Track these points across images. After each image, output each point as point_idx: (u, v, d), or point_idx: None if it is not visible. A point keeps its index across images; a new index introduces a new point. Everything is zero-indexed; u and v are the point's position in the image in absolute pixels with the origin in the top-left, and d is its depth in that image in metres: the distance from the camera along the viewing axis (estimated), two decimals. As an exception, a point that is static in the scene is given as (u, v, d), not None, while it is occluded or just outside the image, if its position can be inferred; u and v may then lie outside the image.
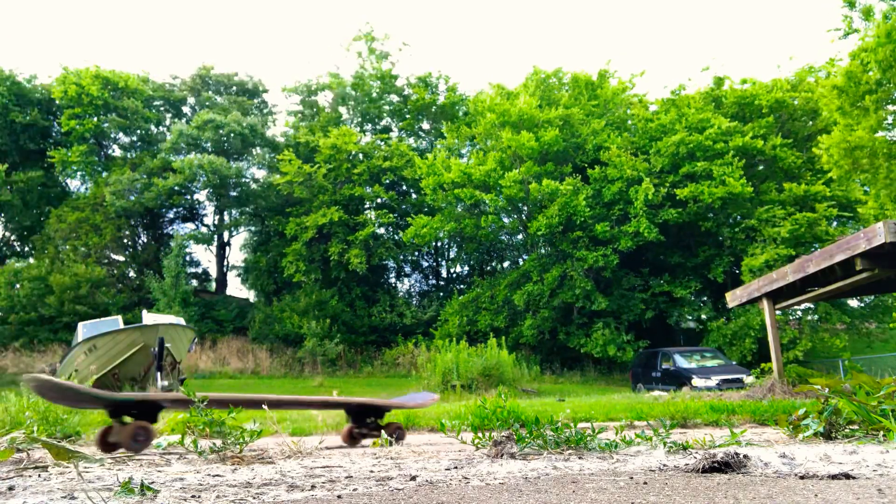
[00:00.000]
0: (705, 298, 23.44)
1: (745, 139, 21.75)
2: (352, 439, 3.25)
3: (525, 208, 24.99)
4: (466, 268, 31.27)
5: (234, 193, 28.22)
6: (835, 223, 22.10)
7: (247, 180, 28.75)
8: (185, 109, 33.12)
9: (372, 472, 1.90)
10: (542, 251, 24.58)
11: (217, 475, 1.82)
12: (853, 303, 23.00)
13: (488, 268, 29.89)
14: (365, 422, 3.34)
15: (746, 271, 19.97)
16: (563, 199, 21.80)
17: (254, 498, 1.42)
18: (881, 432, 2.64)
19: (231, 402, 3.52)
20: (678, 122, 23.27)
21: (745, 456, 1.85)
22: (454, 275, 31.73)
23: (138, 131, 30.89)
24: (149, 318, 14.03)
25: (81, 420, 4.14)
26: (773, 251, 19.80)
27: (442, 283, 31.23)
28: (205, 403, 2.78)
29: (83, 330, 13.75)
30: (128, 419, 2.47)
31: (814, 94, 22.65)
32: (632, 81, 27.77)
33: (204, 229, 30.58)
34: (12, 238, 31.89)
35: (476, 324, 23.40)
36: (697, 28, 75.32)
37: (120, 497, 1.41)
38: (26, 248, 30.97)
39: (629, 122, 26.48)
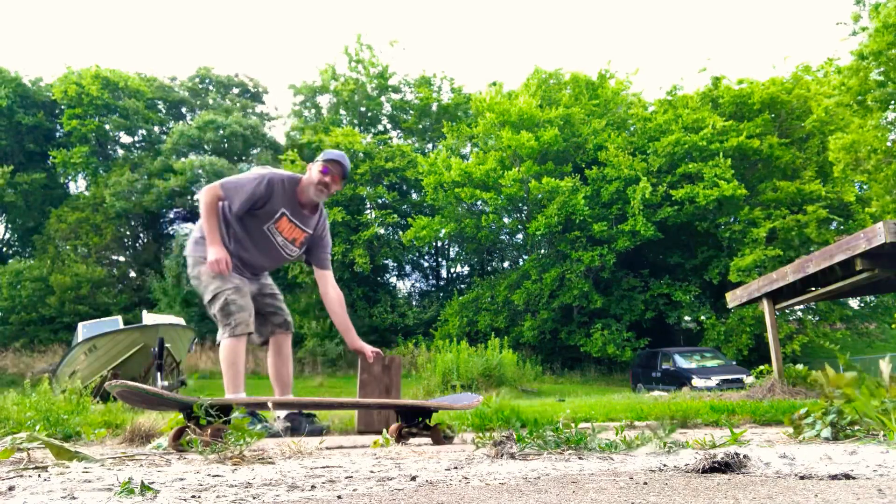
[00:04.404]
0: (704, 299, 23.47)
1: (741, 138, 21.75)
2: (400, 437, 3.38)
3: (525, 208, 25.00)
4: (467, 268, 31.27)
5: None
6: (833, 224, 22.10)
7: (248, 181, 28.72)
8: (185, 111, 33.10)
9: (372, 472, 1.90)
10: (542, 251, 24.59)
11: (217, 475, 1.82)
12: (854, 303, 23.01)
13: (489, 268, 29.89)
14: (414, 422, 3.46)
15: (734, 271, 20.02)
16: (562, 198, 21.79)
17: (253, 498, 1.42)
18: (882, 432, 2.64)
19: (297, 405, 3.66)
20: (674, 122, 23.29)
21: (745, 456, 1.85)
22: (454, 275, 31.73)
23: (140, 132, 30.89)
24: (148, 318, 14.04)
25: (82, 420, 4.14)
26: (760, 252, 19.82)
27: (442, 283, 31.23)
28: (274, 407, 2.97)
29: (83, 330, 13.75)
30: (203, 421, 2.66)
31: (810, 91, 22.70)
32: (629, 80, 27.78)
33: (204, 229, 30.56)
34: (13, 239, 31.89)
35: (476, 324, 23.40)
36: (695, 29, 75.37)
37: (120, 497, 1.42)
38: (28, 249, 30.99)
39: (629, 121, 26.50)
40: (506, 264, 29.59)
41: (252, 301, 3.83)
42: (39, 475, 1.83)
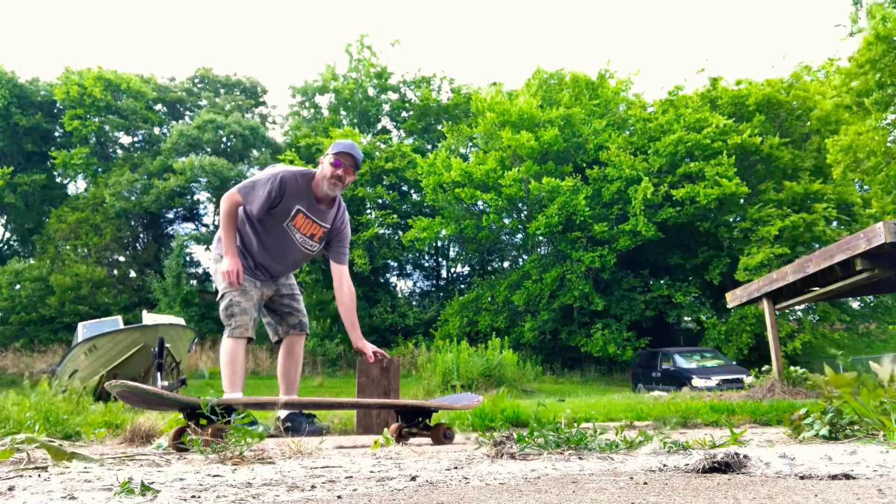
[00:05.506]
0: (704, 299, 23.46)
1: (743, 137, 21.76)
2: (400, 437, 3.37)
3: (525, 208, 25.00)
4: (467, 268, 31.27)
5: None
6: (835, 223, 22.12)
7: (248, 181, 28.75)
8: (185, 111, 33.09)
9: (372, 472, 1.90)
10: (542, 251, 24.59)
11: (217, 475, 1.82)
12: (854, 303, 23.02)
13: (489, 268, 29.89)
14: (414, 422, 3.45)
15: (742, 270, 20.01)
16: (563, 197, 21.79)
17: (253, 498, 1.42)
18: (882, 432, 2.64)
19: (297, 405, 3.59)
20: (676, 122, 23.30)
21: (745, 456, 1.85)
22: (454, 275, 31.72)
23: (139, 132, 30.87)
24: (148, 318, 14.01)
25: (82, 420, 4.14)
26: (768, 251, 19.83)
27: (442, 283, 31.22)
28: (279, 407, 2.97)
29: (83, 330, 13.73)
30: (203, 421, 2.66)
31: (809, 92, 22.72)
32: (630, 80, 27.79)
33: (204, 229, 30.59)
34: (13, 239, 31.89)
35: (476, 324, 23.39)
36: (695, 29, 75.38)
37: (120, 497, 1.41)
38: (28, 249, 30.97)
39: (629, 121, 26.51)
40: (506, 264, 29.59)
41: (269, 302, 3.90)
42: (39, 475, 1.83)
